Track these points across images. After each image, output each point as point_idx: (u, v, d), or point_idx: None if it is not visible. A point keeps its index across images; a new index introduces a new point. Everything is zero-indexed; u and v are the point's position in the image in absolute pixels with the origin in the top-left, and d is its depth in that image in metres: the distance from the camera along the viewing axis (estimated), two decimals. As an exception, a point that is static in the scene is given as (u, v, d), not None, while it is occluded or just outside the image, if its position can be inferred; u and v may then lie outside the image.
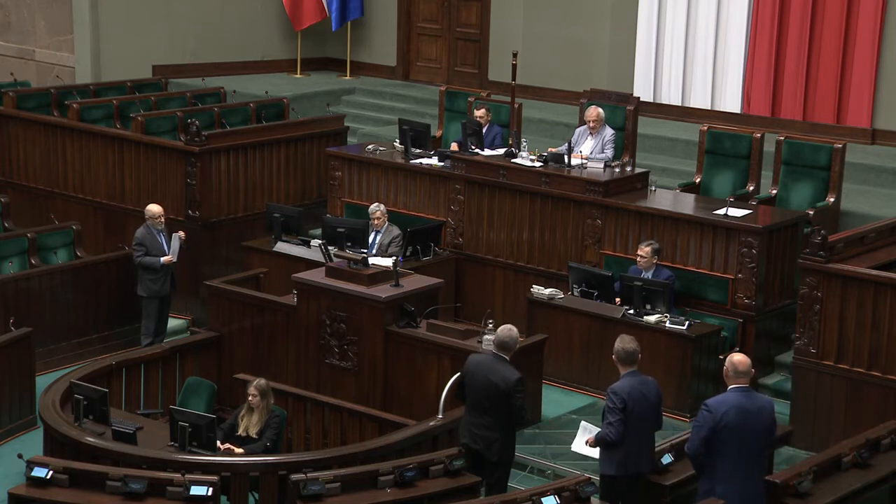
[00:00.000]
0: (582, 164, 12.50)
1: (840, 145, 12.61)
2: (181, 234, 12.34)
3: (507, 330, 9.04)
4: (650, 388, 8.46)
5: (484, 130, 13.46)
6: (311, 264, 11.92)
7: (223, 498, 8.88)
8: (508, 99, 13.61)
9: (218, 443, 9.52)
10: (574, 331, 11.55)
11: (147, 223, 12.28)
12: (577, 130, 13.31)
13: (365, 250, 12.07)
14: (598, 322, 11.43)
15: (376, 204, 12.77)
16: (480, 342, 10.36)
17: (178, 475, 8.50)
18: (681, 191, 12.89)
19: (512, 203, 12.62)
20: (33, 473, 8.59)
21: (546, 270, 12.42)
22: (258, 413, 9.75)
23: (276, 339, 11.32)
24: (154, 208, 12.33)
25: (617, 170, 12.57)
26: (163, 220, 12.31)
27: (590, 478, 8.72)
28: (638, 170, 12.80)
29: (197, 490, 8.43)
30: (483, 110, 13.73)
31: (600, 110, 13.03)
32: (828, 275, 10.36)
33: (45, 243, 12.85)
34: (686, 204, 12.30)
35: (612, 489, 8.48)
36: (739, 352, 11.24)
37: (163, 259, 12.19)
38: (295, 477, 8.60)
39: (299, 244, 12.74)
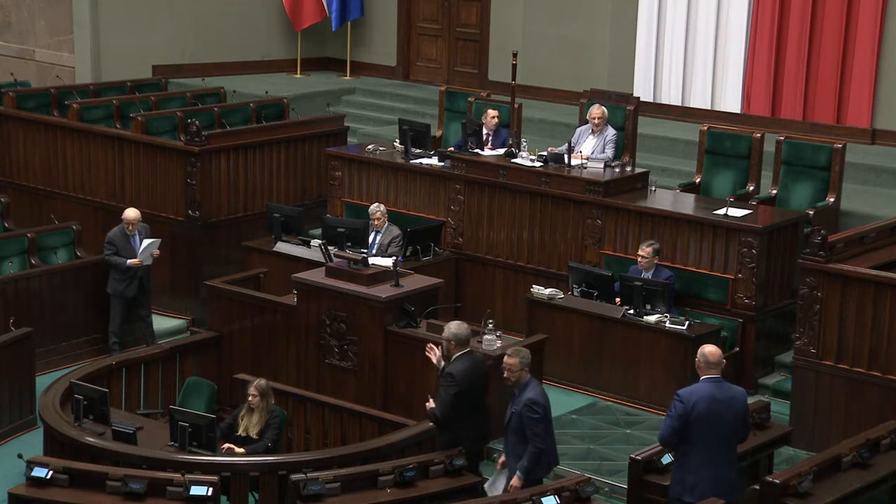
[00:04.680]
0: (582, 164, 12.50)
1: (840, 145, 12.61)
2: (156, 252, 12.33)
3: (458, 326, 9.20)
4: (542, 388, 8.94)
5: (492, 133, 13.44)
6: (311, 264, 11.92)
7: (223, 498, 8.88)
8: (508, 99, 13.61)
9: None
10: (574, 331, 11.55)
11: (122, 225, 12.31)
12: (578, 130, 13.31)
13: (365, 250, 12.07)
14: (598, 322, 11.43)
15: (376, 204, 12.77)
16: (480, 342, 10.36)
17: (178, 475, 8.51)
18: (681, 191, 12.89)
19: (512, 203, 12.62)
20: (33, 473, 8.60)
21: (546, 270, 12.42)
22: (258, 413, 9.75)
23: (276, 339, 11.31)
24: (130, 213, 12.34)
25: (617, 170, 12.57)
26: (133, 227, 12.29)
27: (590, 478, 8.73)
28: (638, 170, 12.80)
29: (197, 490, 8.43)
30: (496, 112, 13.60)
31: (604, 109, 13.03)
32: (828, 275, 10.37)
33: (45, 243, 12.84)
34: (686, 204, 12.30)
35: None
36: (737, 350, 11.34)
37: (129, 261, 12.20)
38: (295, 477, 8.61)
39: (299, 244, 12.74)
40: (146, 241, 12.30)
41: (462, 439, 9.14)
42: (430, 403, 9.20)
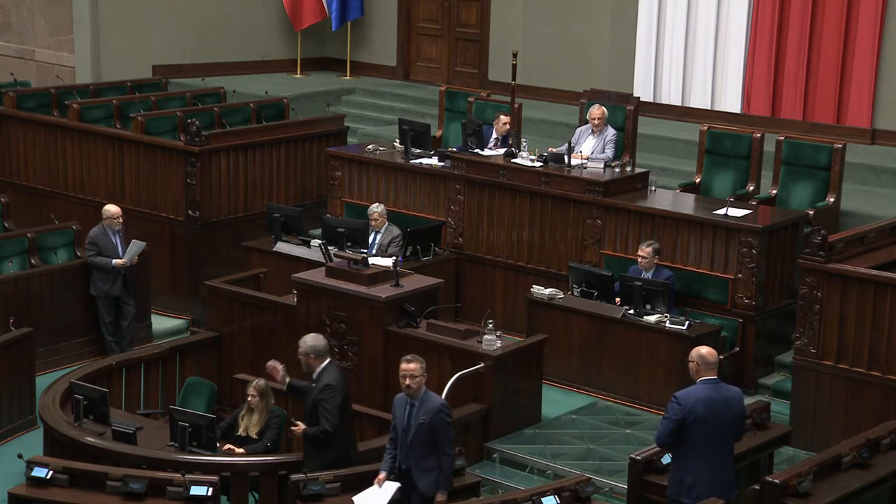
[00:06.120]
0: (582, 164, 12.50)
1: (840, 145, 12.61)
2: (135, 259, 12.33)
3: (315, 338, 8.91)
4: None
5: (500, 139, 13.42)
6: (311, 264, 11.92)
7: (223, 498, 8.88)
8: (508, 99, 13.61)
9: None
10: (574, 331, 11.55)
11: (103, 223, 12.30)
12: (578, 130, 13.31)
13: (365, 250, 12.07)
14: (598, 322, 11.43)
15: (375, 204, 12.77)
16: (480, 342, 10.36)
17: (178, 475, 8.51)
18: (681, 191, 12.89)
19: (512, 203, 12.62)
20: (33, 473, 8.60)
21: (546, 270, 12.42)
22: (258, 413, 9.75)
23: (276, 339, 11.31)
24: (112, 209, 12.36)
25: (617, 170, 12.57)
26: (120, 221, 12.32)
27: (590, 478, 8.73)
28: (638, 170, 12.80)
29: (197, 490, 8.43)
30: (507, 118, 13.56)
31: (604, 109, 13.03)
32: (828, 275, 10.36)
33: (45, 243, 12.83)
34: (686, 204, 12.30)
35: None
36: (737, 350, 11.34)
37: (114, 261, 12.20)
38: (295, 477, 8.61)
39: (299, 244, 12.74)
40: (133, 242, 12.30)
41: (347, 454, 8.88)
42: (299, 426, 8.83)
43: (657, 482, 8.50)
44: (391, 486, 8.43)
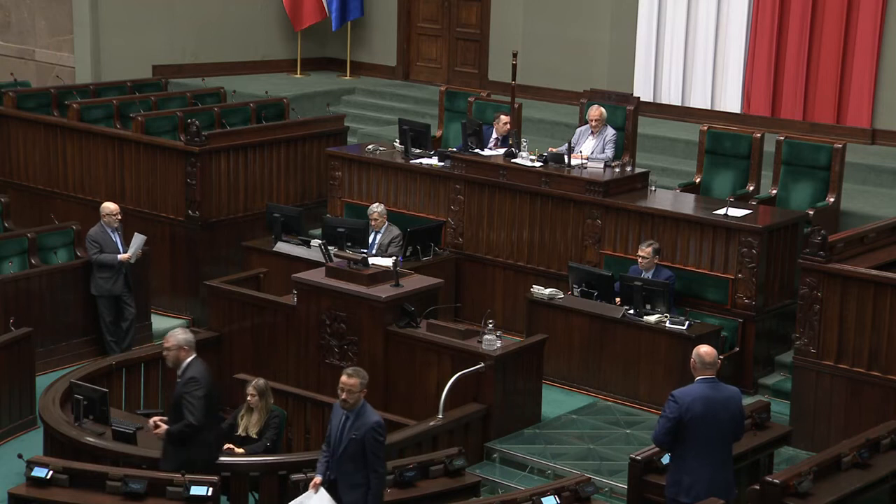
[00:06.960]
0: (582, 164, 12.50)
1: (840, 145, 12.61)
2: (138, 251, 12.33)
3: (185, 332, 8.73)
4: None
5: (501, 139, 13.42)
6: (311, 264, 11.92)
7: (223, 498, 8.88)
8: (508, 99, 13.61)
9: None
10: (574, 331, 11.55)
11: (102, 221, 12.29)
12: (578, 130, 13.31)
13: (365, 250, 12.07)
14: (598, 322, 11.43)
15: (376, 204, 12.77)
16: (480, 342, 10.36)
17: (179, 475, 8.50)
18: (681, 191, 12.89)
19: (512, 203, 12.62)
20: (33, 473, 8.60)
21: (546, 270, 12.42)
22: (258, 413, 9.75)
23: (276, 339, 11.31)
24: (110, 206, 12.35)
25: (617, 170, 12.57)
26: (119, 217, 12.32)
27: (590, 478, 8.73)
28: (638, 170, 12.80)
29: (197, 490, 8.43)
30: (508, 118, 13.55)
31: (603, 110, 13.04)
32: (828, 275, 10.36)
33: (45, 243, 12.83)
34: (686, 204, 12.30)
35: None
36: (737, 350, 11.34)
37: (119, 256, 12.20)
38: (295, 477, 8.61)
39: (299, 244, 12.74)
40: (135, 236, 12.30)
41: (211, 449, 8.72)
42: (161, 426, 8.61)
43: (657, 482, 8.51)
44: (324, 497, 8.22)
